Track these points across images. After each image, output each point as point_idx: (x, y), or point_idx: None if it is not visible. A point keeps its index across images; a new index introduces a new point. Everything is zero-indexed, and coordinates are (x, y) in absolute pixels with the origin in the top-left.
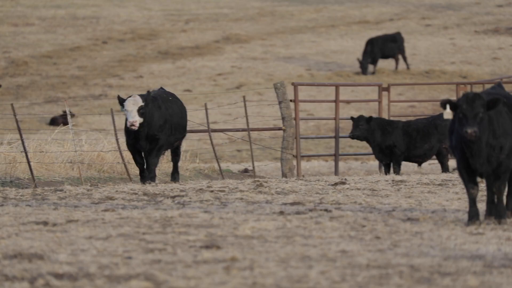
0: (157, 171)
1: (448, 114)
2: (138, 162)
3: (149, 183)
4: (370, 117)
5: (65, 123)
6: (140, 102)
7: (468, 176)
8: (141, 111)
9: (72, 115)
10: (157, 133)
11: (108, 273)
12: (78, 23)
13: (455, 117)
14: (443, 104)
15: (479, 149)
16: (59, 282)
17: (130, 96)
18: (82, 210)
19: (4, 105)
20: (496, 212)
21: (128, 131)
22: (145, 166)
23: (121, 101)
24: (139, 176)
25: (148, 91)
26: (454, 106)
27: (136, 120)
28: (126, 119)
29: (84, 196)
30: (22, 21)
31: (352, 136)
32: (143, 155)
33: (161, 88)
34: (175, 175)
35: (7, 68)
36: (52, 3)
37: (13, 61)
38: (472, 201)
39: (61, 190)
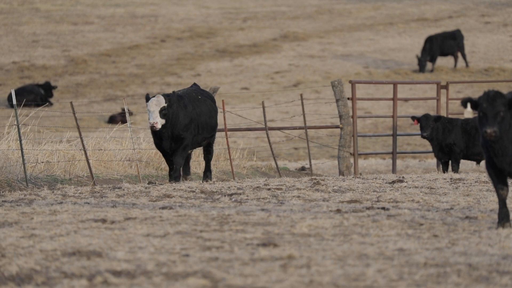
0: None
1: (468, 113)
2: (167, 161)
3: (173, 183)
4: (439, 116)
5: (124, 121)
6: (163, 103)
7: (497, 176)
8: (163, 112)
9: (131, 113)
10: (182, 133)
11: (166, 271)
12: (136, 22)
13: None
14: (464, 102)
15: (503, 149)
16: (117, 279)
17: (154, 96)
18: (140, 208)
19: (63, 103)
20: None
21: (152, 131)
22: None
23: (147, 100)
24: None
25: (173, 91)
26: (475, 104)
27: (157, 121)
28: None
29: (142, 193)
30: (81, 20)
31: (426, 136)
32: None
33: (194, 84)
34: (207, 174)
35: (66, 66)
36: (111, 2)
37: (73, 59)
38: (502, 202)
39: (119, 188)
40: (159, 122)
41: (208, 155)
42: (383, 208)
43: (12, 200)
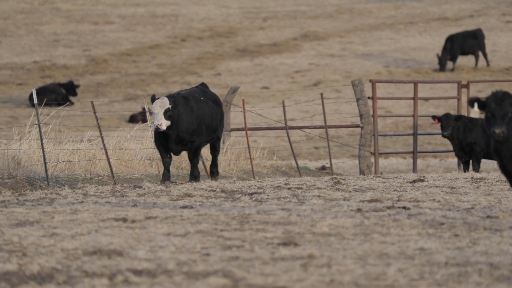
0: (232, 169)
1: (475, 112)
2: (165, 160)
3: (193, 182)
4: (460, 116)
5: (144, 120)
6: (167, 105)
7: (508, 177)
8: (168, 114)
9: (151, 113)
10: (191, 138)
11: (186, 270)
12: (157, 21)
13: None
14: (471, 102)
15: (510, 150)
16: (138, 278)
17: (158, 98)
18: (161, 207)
19: (84, 102)
20: None
21: (157, 132)
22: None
23: (153, 101)
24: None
25: (178, 92)
26: (482, 104)
27: (161, 123)
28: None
29: (163, 193)
30: (102, 20)
31: (447, 135)
32: (171, 154)
33: (202, 84)
34: (213, 169)
35: (87, 66)
36: (132, 1)
37: (93, 59)
38: None
39: (140, 187)
40: (164, 124)
41: (214, 151)
42: (404, 208)
43: (34, 199)
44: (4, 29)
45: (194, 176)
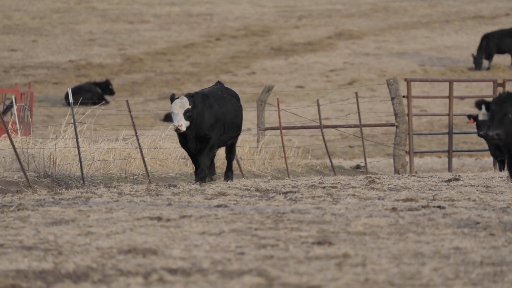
0: (264, 168)
1: (483, 114)
2: (193, 161)
3: (199, 184)
4: None
5: None
6: (187, 105)
7: None
8: (187, 114)
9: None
10: (207, 133)
11: (221, 269)
12: (192, 20)
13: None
14: (479, 104)
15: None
16: (172, 277)
17: (177, 98)
18: (195, 206)
19: (119, 101)
20: None
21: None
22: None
23: (172, 100)
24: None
25: (197, 92)
26: (488, 106)
27: (181, 124)
28: (173, 122)
29: (197, 192)
30: (137, 19)
31: (483, 134)
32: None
33: (218, 82)
34: (228, 174)
35: (122, 65)
36: (167, 0)
37: (129, 58)
38: None
39: (174, 186)
40: (184, 125)
41: (230, 154)
42: (439, 207)
43: (69, 198)
44: (40, 29)
45: (201, 177)
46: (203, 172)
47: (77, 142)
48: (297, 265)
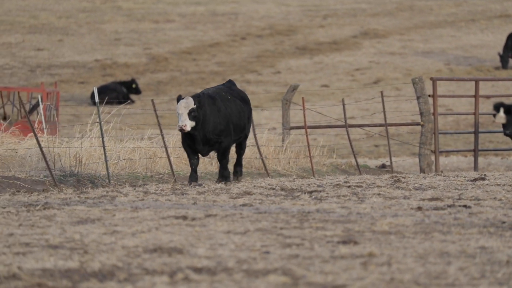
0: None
1: (501, 117)
2: (192, 162)
3: (224, 183)
4: None
5: None
6: (192, 105)
7: None
8: (192, 114)
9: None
10: (219, 138)
11: (246, 268)
12: (217, 20)
13: None
14: (497, 107)
15: None
16: (198, 276)
17: (183, 98)
18: (221, 205)
19: (145, 100)
20: None
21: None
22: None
23: (178, 101)
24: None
25: (203, 92)
26: (508, 109)
27: (185, 124)
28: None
29: (223, 191)
30: (163, 18)
31: (509, 133)
32: (199, 155)
33: (229, 81)
34: (237, 169)
35: (148, 64)
36: (192, 0)
37: (154, 57)
38: None
39: (200, 185)
40: (188, 125)
41: (240, 150)
42: (465, 206)
43: (95, 197)
44: (66, 28)
45: (224, 176)
46: (227, 170)
47: (103, 141)
48: (322, 264)
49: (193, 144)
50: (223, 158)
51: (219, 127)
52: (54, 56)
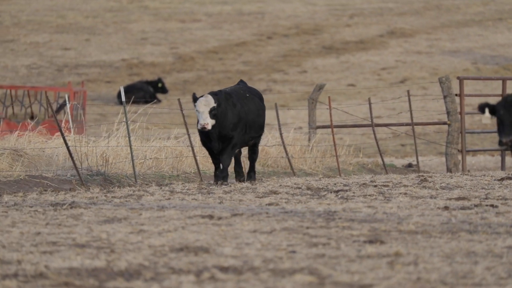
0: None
1: (486, 118)
2: (215, 162)
3: (221, 183)
4: None
5: None
6: (212, 103)
7: None
8: (213, 113)
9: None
10: (230, 132)
11: (273, 267)
12: (243, 19)
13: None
14: (481, 108)
15: None
16: (224, 275)
17: (202, 96)
18: (247, 204)
19: (171, 100)
20: None
21: (200, 131)
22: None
23: (195, 100)
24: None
25: (220, 90)
26: (493, 110)
27: (207, 122)
28: (198, 121)
29: (249, 190)
30: (189, 17)
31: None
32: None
33: (241, 81)
34: (251, 174)
35: (174, 63)
36: None
37: (180, 56)
38: None
39: (226, 184)
40: (210, 123)
41: (253, 155)
42: (492, 206)
43: (121, 196)
44: (93, 28)
45: (222, 176)
46: (225, 171)
47: (129, 141)
48: (348, 263)
49: (209, 142)
50: (227, 156)
51: (232, 121)
52: (81, 55)
